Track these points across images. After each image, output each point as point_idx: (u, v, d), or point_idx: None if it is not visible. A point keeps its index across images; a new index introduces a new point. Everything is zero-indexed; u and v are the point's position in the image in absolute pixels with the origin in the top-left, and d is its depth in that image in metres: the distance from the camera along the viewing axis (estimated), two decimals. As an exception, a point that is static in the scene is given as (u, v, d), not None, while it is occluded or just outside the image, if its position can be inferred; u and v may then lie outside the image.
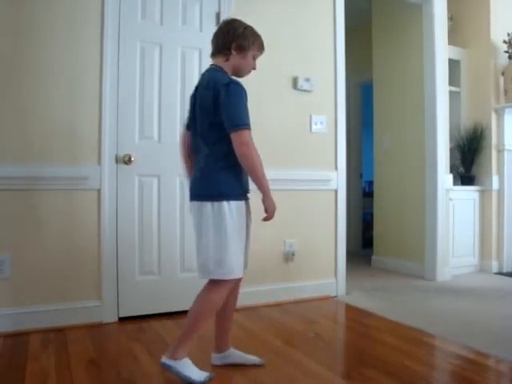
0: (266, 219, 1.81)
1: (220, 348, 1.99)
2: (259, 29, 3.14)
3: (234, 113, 1.70)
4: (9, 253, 2.40)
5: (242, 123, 1.71)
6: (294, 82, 3.17)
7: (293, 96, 3.18)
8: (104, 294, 2.60)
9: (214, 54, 1.86)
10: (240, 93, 1.73)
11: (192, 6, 2.87)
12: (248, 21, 2.99)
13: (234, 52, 1.81)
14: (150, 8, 2.75)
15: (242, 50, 1.81)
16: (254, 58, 1.89)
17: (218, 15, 2.92)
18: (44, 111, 2.48)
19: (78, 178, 2.53)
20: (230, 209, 1.74)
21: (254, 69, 1.92)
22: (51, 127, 2.49)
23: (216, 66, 1.84)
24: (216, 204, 1.73)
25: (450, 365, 2.10)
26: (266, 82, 3.08)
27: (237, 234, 1.77)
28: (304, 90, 3.20)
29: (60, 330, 2.43)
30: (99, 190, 2.59)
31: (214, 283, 1.79)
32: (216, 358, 1.99)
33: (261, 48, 1.90)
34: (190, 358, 1.80)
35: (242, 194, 1.83)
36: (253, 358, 2.00)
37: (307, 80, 3.18)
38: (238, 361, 1.98)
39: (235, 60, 1.82)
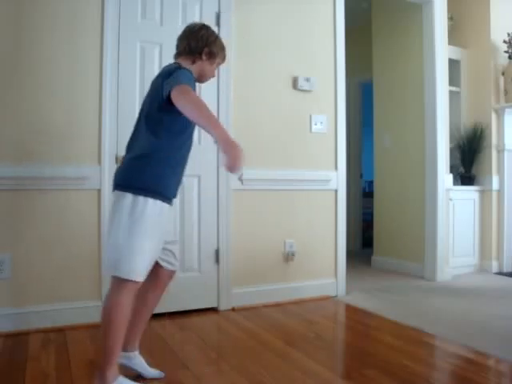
0: (228, 168, 1.41)
1: (125, 346, 1.79)
2: (259, 28, 3.17)
3: (176, 77, 1.58)
4: (9, 253, 2.40)
5: (181, 82, 1.54)
6: (294, 82, 3.17)
7: (293, 96, 3.18)
8: (104, 294, 2.58)
9: (180, 55, 1.83)
10: (190, 75, 1.66)
11: (192, 6, 2.87)
12: (248, 20, 3.03)
13: (204, 57, 1.81)
14: (150, 8, 2.75)
15: (211, 56, 1.83)
16: (216, 66, 1.91)
17: (218, 15, 2.92)
18: (44, 111, 2.48)
19: (78, 178, 2.53)
20: (154, 207, 1.62)
21: (214, 76, 1.93)
22: (51, 127, 2.49)
23: (178, 64, 1.79)
24: (137, 197, 1.60)
25: (449, 365, 2.10)
26: (266, 82, 3.08)
27: (150, 234, 1.62)
28: (304, 90, 3.20)
29: (60, 330, 2.43)
30: (99, 190, 2.59)
31: (116, 284, 1.65)
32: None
33: (224, 58, 1.94)
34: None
35: (169, 197, 1.71)
36: (153, 372, 1.85)
37: (307, 80, 3.18)
38: (138, 368, 1.83)
39: (202, 65, 1.83)
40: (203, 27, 1.86)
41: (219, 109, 2.91)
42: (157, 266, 1.78)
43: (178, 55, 1.85)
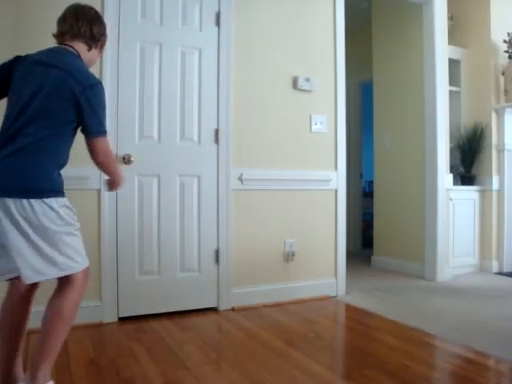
0: (110, 189, 1.85)
1: (14, 379, 1.57)
2: (259, 28, 3.16)
3: (101, 118, 1.60)
4: (9, 253, 2.40)
5: (105, 129, 1.63)
6: (294, 82, 3.17)
7: (293, 96, 3.18)
8: (104, 294, 2.60)
9: (76, 37, 1.64)
10: (104, 95, 1.63)
11: (192, 5, 2.87)
12: (248, 20, 3.02)
13: (99, 46, 1.74)
14: (150, 8, 2.75)
15: (102, 47, 1.77)
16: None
17: (217, 15, 2.92)
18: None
19: (78, 178, 2.53)
20: (67, 204, 1.60)
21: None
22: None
23: (74, 49, 1.64)
24: (57, 200, 1.54)
25: (450, 365, 2.10)
26: (266, 82, 3.08)
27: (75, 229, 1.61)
28: (304, 90, 3.20)
29: (60, 330, 2.42)
30: (99, 190, 2.59)
31: (68, 282, 1.59)
32: None
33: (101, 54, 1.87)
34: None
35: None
36: None
37: (307, 80, 3.18)
38: None
39: (94, 54, 1.73)
40: (99, 14, 1.74)
41: (219, 108, 2.91)
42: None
43: (73, 37, 1.64)
